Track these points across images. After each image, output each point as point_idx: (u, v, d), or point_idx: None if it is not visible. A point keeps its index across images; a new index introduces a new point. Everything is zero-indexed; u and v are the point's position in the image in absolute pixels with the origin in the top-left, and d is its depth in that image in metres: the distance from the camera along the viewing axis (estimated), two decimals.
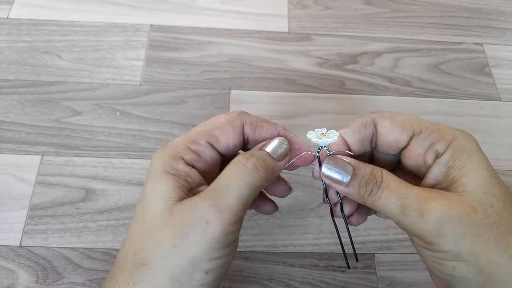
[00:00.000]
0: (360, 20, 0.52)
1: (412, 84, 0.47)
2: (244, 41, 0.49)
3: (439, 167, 0.24)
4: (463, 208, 0.22)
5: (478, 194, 0.23)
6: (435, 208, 0.22)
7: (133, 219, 0.24)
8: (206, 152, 0.25)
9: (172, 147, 0.25)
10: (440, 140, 0.24)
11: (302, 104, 0.45)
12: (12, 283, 0.34)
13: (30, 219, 0.37)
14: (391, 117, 0.26)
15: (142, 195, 0.24)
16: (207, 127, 0.26)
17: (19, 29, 0.47)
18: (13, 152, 0.40)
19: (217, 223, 0.22)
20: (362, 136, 0.26)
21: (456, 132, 0.25)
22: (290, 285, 0.35)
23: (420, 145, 0.25)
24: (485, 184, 0.23)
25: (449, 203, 0.22)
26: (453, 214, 0.22)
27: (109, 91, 0.44)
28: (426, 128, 0.25)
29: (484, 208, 0.22)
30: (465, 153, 0.24)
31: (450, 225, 0.22)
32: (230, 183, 0.23)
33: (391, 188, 0.24)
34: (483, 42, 0.51)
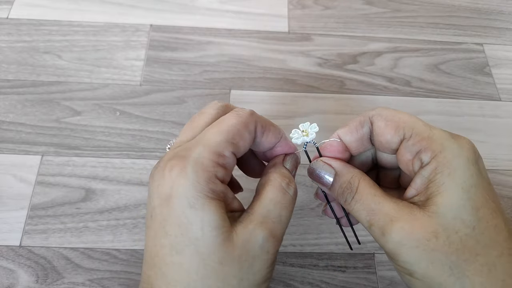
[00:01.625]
0: (360, 20, 0.52)
1: (412, 84, 0.47)
2: (244, 41, 0.49)
3: (421, 178, 0.24)
4: (424, 233, 0.22)
5: (447, 218, 0.22)
6: (396, 231, 0.22)
7: (173, 252, 0.22)
8: (231, 163, 0.24)
9: (199, 164, 0.22)
10: (427, 149, 0.24)
11: (302, 104, 0.45)
12: (12, 283, 0.34)
13: (30, 219, 0.37)
14: (387, 117, 0.25)
15: (181, 226, 0.22)
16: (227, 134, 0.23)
17: (19, 29, 0.47)
18: (13, 152, 0.40)
19: (274, 251, 0.23)
20: (360, 135, 0.26)
21: (448, 142, 0.24)
22: (290, 285, 0.35)
23: (408, 150, 0.24)
24: (457, 208, 0.22)
25: (412, 226, 0.22)
26: (412, 238, 0.22)
27: (109, 91, 0.44)
28: (417, 134, 0.24)
29: (447, 234, 0.22)
30: (447, 169, 0.23)
31: (407, 248, 0.22)
32: (282, 213, 0.24)
33: (363, 201, 0.24)
34: (483, 42, 0.51)
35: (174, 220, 0.22)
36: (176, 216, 0.22)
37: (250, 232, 0.22)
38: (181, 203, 0.22)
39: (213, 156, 0.22)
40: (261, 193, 0.25)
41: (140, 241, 0.36)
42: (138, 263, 0.35)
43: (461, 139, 0.24)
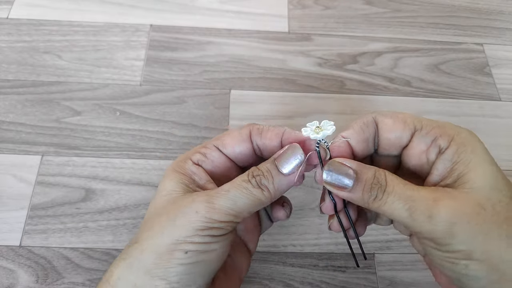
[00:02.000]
0: (360, 20, 0.52)
1: (412, 84, 0.47)
2: (244, 41, 0.49)
3: (444, 162, 0.24)
4: (472, 207, 0.22)
5: (486, 190, 0.22)
6: (444, 210, 0.22)
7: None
8: (213, 154, 0.27)
9: (185, 153, 0.28)
10: (442, 135, 0.24)
11: (302, 104, 0.45)
12: (12, 283, 0.34)
13: (30, 219, 0.37)
14: (392, 115, 0.26)
15: (157, 190, 0.27)
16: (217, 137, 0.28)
17: (19, 29, 0.47)
18: (13, 152, 0.40)
19: (204, 215, 0.24)
20: (366, 136, 0.26)
21: (457, 128, 0.25)
22: (290, 285, 0.35)
23: (422, 141, 0.25)
24: (491, 180, 0.23)
25: (457, 203, 0.22)
26: (462, 214, 0.22)
27: (109, 91, 0.44)
28: (427, 125, 0.25)
29: (492, 204, 0.22)
30: (469, 148, 0.23)
31: (460, 225, 0.22)
32: (231, 189, 0.24)
33: (396, 192, 0.23)
34: (483, 42, 0.51)
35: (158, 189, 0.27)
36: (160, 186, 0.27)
37: (191, 197, 0.24)
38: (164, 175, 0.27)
39: (197, 147, 0.28)
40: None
41: None
42: None
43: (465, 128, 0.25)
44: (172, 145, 0.41)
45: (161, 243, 0.23)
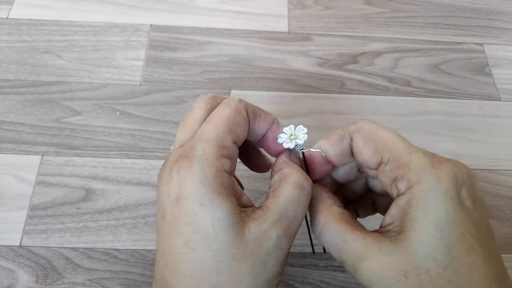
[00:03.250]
0: (360, 20, 0.52)
1: (412, 84, 0.47)
2: (244, 41, 0.49)
3: (396, 208, 0.23)
4: (394, 272, 0.21)
5: (418, 256, 0.21)
6: (366, 270, 0.22)
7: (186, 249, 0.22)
8: (234, 153, 0.24)
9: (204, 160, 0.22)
10: (403, 178, 0.22)
11: (302, 104, 0.45)
12: (12, 283, 0.34)
13: (30, 219, 0.37)
14: (366, 135, 0.24)
15: (193, 224, 0.22)
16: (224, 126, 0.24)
17: (19, 29, 0.47)
18: (13, 152, 0.40)
19: (288, 248, 0.23)
20: (340, 150, 0.26)
21: (425, 172, 0.22)
22: (290, 285, 0.35)
23: (385, 175, 0.23)
24: (428, 247, 0.21)
25: (381, 265, 0.22)
26: (382, 277, 0.22)
27: (109, 91, 0.44)
28: (395, 159, 0.23)
29: (417, 273, 0.21)
30: (421, 204, 0.21)
31: (378, 286, 0.22)
32: (297, 211, 0.24)
33: (331, 239, 0.24)
34: (483, 42, 0.51)
35: (185, 219, 0.22)
36: (187, 215, 0.22)
37: (265, 230, 0.22)
38: (191, 201, 0.22)
39: (216, 150, 0.23)
40: (277, 189, 0.24)
41: (140, 241, 0.36)
42: (138, 263, 0.35)
43: (442, 168, 0.22)
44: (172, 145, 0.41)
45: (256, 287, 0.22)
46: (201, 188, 0.22)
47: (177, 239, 0.22)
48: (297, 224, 0.24)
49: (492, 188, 0.41)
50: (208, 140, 0.23)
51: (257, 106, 0.26)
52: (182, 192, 0.22)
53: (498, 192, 0.41)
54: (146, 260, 0.36)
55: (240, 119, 0.24)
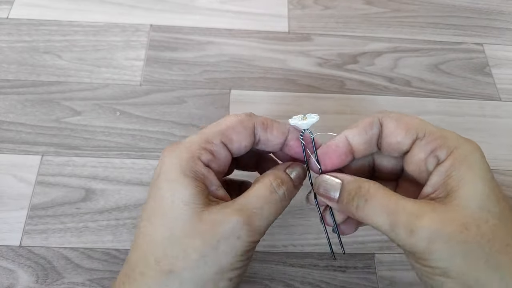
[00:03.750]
0: (360, 20, 0.52)
1: (412, 84, 0.47)
2: (244, 41, 0.49)
3: (439, 174, 0.23)
4: (455, 225, 0.21)
5: (473, 209, 0.22)
6: (425, 226, 0.22)
7: (146, 222, 0.24)
8: (221, 152, 0.25)
9: (187, 148, 0.24)
10: (442, 146, 0.24)
11: (302, 104, 0.45)
12: (12, 283, 0.34)
13: (30, 219, 0.37)
14: (397, 118, 0.25)
15: (157, 198, 0.23)
16: (220, 127, 0.25)
17: (19, 29, 0.47)
18: (13, 152, 0.40)
19: (247, 240, 0.23)
20: (369, 137, 0.26)
21: (460, 140, 0.24)
22: (290, 285, 0.35)
23: (422, 149, 0.24)
24: (481, 199, 0.22)
25: (441, 220, 0.22)
26: (443, 232, 0.21)
27: (109, 91, 0.44)
28: (430, 133, 0.24)
29: (477, 224, 0.21)
30: (465, 163, 0.23)
31: (440, 243, 0.21)
32: (264, 207, 0.24)
33: (379, 204, 0.23)
34: (483, 42, 0.51)
35: (153, 193, 0.24)
36: (155, 189, 0.24)
37: (224, 214, 0.23)
38: (162, 178, 0.24)
39: (200, 141, 0.25)
40: (250, 188, 0.25)
41: None
42: None
43: (471, 141, 0.24)
44: None
45: (204, 273, 0.22)
46: (172, 167, 0.24)
47: (143, 213, 0.24)
48: (261, 219, 0.24)
49: None
50: (199, 135, 0.25)
51: (270, 118, 0.27)
52: (161, 169, 0.24)
53: None
54: None
55: (240, 128, 0.26)
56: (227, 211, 0.23)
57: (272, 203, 0.24)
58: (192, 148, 0.24)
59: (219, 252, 0.22)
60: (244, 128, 0.26)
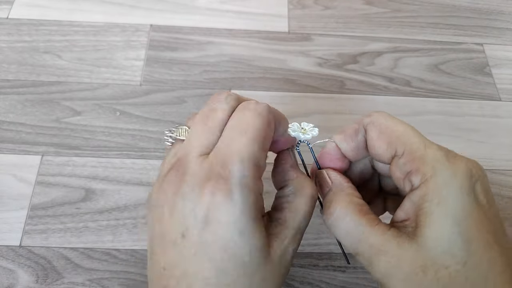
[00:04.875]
0: (360, 20, 0.52)
1: (412, 84, 0.47)
2: (244, 41, 0.49)
3: (410, 202, 0.22)
4: (412, 267, 0.21)
5: (436, 252, 0.21)
6: (383, 264, 0.22)
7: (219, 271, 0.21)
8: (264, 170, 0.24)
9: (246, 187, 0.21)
10: (416, 172, 0.22)
11: (302, 104, 0.45)
12: (12, 283, 0.34)
13: (30, 219, 0.37)
14: (381, 128, 0.24)
15: (227, 251, 0.21)
16: (257, 143, 0.22)
17: (19, 29, 0.47)
18: (13, 152, 0.40)
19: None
20: (355, 144, 0.25)
21: (441, 166, 0.22)
22: (290, 285, 0.35)
23: (398, 169, 0.23)
24: (446, 242, 0.21)
25: (399, 260, 0.21)
26: (400, 272, 0.21)
27: (109, 91, 0.44)
28: (409, 152, 0.22)
29: (436, 269, 0.20)
30: (437, 198, 0.21)
31: (395, 280, 0.21)
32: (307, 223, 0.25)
33: (347, 230, 0.23)
34: (483, 42, 0.51)
35: (220, 245, 0.21)
36: (222, 242, 0.21)
37: (285, 247, 0.23)
38: (229, 229, 0.21)
39: (254, 173, 0.21)
40: (293, 203, 0.24)
41: (140, 241, 0.36)
42: (138, 263, 0.35)
43: (458, 162, 0.22)
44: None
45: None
46: (241, 217, 0.21)
47: (207, 264, 0.21)
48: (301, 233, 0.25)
49: (493, 188, 0.41)
50: (246, 158, 0.21)
51: (279, 112, 0.26)
52: (216, 216, 0.21)
53: (498, 192, 0.41)
54: (146, 260, 0.36)
55: (271, 133, 0.23)
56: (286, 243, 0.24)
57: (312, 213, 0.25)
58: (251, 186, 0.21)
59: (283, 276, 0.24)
60: (272, 131, 0.24)
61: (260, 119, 0.23)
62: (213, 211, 0.21)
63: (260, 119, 0.23)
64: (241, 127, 0.22)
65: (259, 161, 0.22)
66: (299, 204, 0.24)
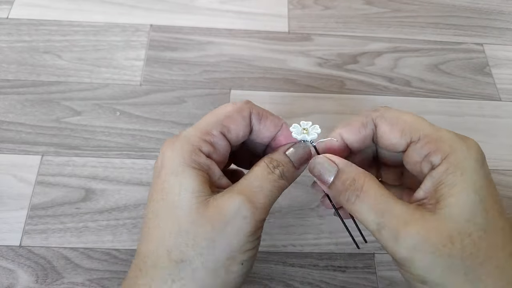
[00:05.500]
0: (360, 20, 0.52)
1: (412, 84, 0.47)
2: (244, 41, 0.49)
3: (431, 180, 0.23)
4: (440, 237, 0.21)
5: (460, 221, 0.22)
6: (411, 236, 0.22)
7: (153, 216, 0.24)
8: (220, 143, 0.25)
9: (187, 140, 0.24)
10: (436, 151, 0.23)
11: (302, 104, 0.45)
12: (12, 283, 0.34)
13: (30, 219, 0.37)
14: (392, 121, 0.25)
15: (164, 191, 0.24)
16: (218, 117, 0.25)
17: (19, 29, 0.47)
18: (13, 152, 0.40)
19: (253, 218, 0.23)
20: (362, 136, 0.26)
21: (457, 144, 0.23)
22: (290, 285, 0.35)
23: (417, 153, 0.24)
24: (469, 210, 0.22)
25: (427, 229, 0.22)
26: (428, 243, 0.21)
27: (109, 91, 0.44)
28: (425, 136, 0.24)
29: (462, 237, 0.21)
30: (459, 170, 0.22)
31: (422, 254, 0.21)
32: (263, 185, 0.24)
33: (370, 202, 0.23)
34: (483, 42, 0.51)
35: (158, 187, 0.24)
36: (160, 182, 0.24)
37: (227, 197, 0.23)
38: (166, 171, 0.24)
39: (199, 133, 0.25)
40: (248, 172, 0.25)
41: None
42: None
43: (468, 140, 0.24)
44: None
45: (215, 259, 0.22)
46: (176, 160, 0.24)
47: (149, 207, 0.24)
48: (263, 196, 0.24)
49: None
50: (198, 125, 0.25)
51: (266, 110, 0.27)
52: (163, 163, 0.24)
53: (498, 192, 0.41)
54: None
55: (237, 117, 0.26)
56: (229, 194, 0.23)
57: (270, 181, 0.24)
58: (192, 140, 0.24)
59: (228, 235, 0.22)
60: (242, 117, 0.26)
61: (230, 106, 0.26)
62: (162, 159, 0.25)
63: (230, 106, 0.26)
64: (213, 111, 0.26)
65: (210, 129, 0.25)
66: (250, 171, 0.25)
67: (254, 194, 0.23)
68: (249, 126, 0.26)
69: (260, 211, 0.23)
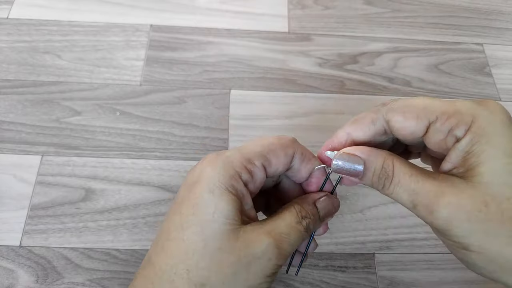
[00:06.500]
0: (360, 20, 0.52)
1: (412, 84, 0.47)
2: (244, 41, 0.49)
3: (458, 152, 0.23)
4: (474, 204, 0.21)
5: (494, 185, 0.21)
6: (444, 207, 0.22)
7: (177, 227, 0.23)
8: (259, 174, 0.25)
9: (230, 162, 0.24)
10: (458, 124, 0.23)
11: (302, 104, 0.45)
12: (12, 283, 0.34)
13: (30, 219, 0.37)
14: (403, 110, 0.24)
15: (197, 207, 0.23)
16: (262, 148, 0.25)
17: (19, 29, 0.47)
18: (13, 152, 0.40)
19: (276, 262, 0.23)
20: (372, 133, 0.25)
21: (477, 111, 0.23)
22: (290, 285, 0.35)
23: (438, 132, 0.23)
24: (502, 174, 0.21)
25: (460, 198, 0.22)
26: (462, 211, 0.21)
27: (109, 91, 0.44)
28: (442, 113, 0.23)
29: (498, 201, 0.21)
30: (485, 137, 0.22)
31: (458, 222, 0.22)
32: (290, 233, 0.24)
33: (402, 184, 0.23)
34: (483, 42, 0.51)
35: (191, 201, 0.23)
36: (194, 197, 0.23)
37: (257, 235, 0.23)
38: (202, 187, 0.23)
39: (243, 160, 0.24)
40: (278, 213, 0.25)
41: (140, 241, 0.36)
42: (138, 263, 0.35)
43: (489, 104, 0.23)
44: (172, 145, 0.41)
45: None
46: (216, 179, 0.23)
47: (175, 218, 0.24)
48: (289, 244, 0.24)
49: None
50: (242, 151, 0.25)
51: (309, 151, 0.27)
52: (199, 177, 0.24)
53: None
54: None
55: (281, 152, 0.25)
56: (259, 232, 0.23)
57: (297, 231, 0.25)
58: (235, 165, 0.24)
59: (250, 272, 0.23)
60: (285, 154, 0.25)
61: (277, 139, 0.26)
62: (200, 174, 0.24)
63: (277, 139, 0.26)
64: (258, 139, 0.26)
65: (253, 158, 0.24)
66: (281, 214, 0.25)
67: (282, 240, 0.24)
68: (289, 164, 0.26)
69: (283, 258, 0.24)
